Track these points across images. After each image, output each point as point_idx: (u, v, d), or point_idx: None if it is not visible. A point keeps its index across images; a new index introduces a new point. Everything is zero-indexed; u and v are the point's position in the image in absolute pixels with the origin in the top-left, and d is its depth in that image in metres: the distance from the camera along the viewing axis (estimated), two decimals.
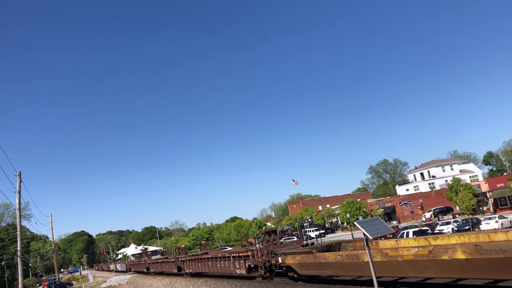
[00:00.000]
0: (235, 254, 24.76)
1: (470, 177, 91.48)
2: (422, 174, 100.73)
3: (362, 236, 12.04)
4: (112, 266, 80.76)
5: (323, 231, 72.66)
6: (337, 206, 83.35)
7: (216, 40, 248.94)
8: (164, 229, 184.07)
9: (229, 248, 59.34)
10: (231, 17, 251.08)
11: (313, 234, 67.50)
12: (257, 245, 21.82)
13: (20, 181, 31.84)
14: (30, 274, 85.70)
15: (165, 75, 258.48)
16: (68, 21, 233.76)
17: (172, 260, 38.48)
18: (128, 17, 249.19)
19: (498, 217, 42.46)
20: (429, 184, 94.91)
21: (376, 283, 12.03)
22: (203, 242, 52.48)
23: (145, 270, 49.58)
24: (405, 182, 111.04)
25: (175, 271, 36.98)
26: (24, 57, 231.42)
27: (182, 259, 35.66)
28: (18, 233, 31.86)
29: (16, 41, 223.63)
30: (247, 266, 22.89)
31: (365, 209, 72.19)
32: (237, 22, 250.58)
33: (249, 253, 22.54)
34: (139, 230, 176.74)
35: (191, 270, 33.10)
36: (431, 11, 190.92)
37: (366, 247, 12.24)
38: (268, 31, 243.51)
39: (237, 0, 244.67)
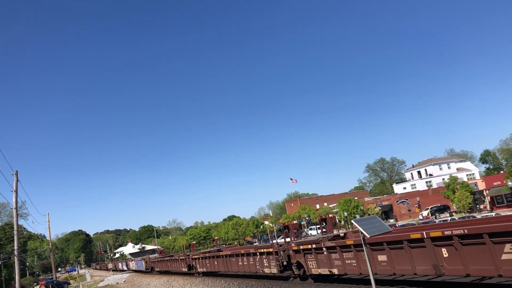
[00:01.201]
0: None
1: (467, 175, 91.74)
2: (419, 172, 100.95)
3: None
4: (110, 265, 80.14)
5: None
6: (335, 204, 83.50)
7: (216, 40, 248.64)
8: (161, 228, 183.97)
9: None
10: (227, 17, 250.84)
11: (314, 232, 67.16)
12: None
13: (17, 180, 31.71)
14: (27, 273, 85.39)
15: (163, 75, 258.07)
16: (63, 20, 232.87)
17: (267, 250, 19.28)
18: (125, 17, 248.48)
19: (495, 215, 42.66)
20: (426, 182, 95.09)
21: (373, 283, 12.04)
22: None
23: (184, 270, 32.69)
24: (402, 180, 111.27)
25: (275, 271, 18.80)
26: (20, 57, 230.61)
27: (293, 247, 17.36)
28: (15, 232, 31.75)
29: (14, 41, 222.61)
30: None
31: (362, 208, 72.37)
32: (234, 22, 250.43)
33: None
34: (137, 229, 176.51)
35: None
36: (430, 9, 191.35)
37: (364, 246, 12.25)
38: (265, 31, 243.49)
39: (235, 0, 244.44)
